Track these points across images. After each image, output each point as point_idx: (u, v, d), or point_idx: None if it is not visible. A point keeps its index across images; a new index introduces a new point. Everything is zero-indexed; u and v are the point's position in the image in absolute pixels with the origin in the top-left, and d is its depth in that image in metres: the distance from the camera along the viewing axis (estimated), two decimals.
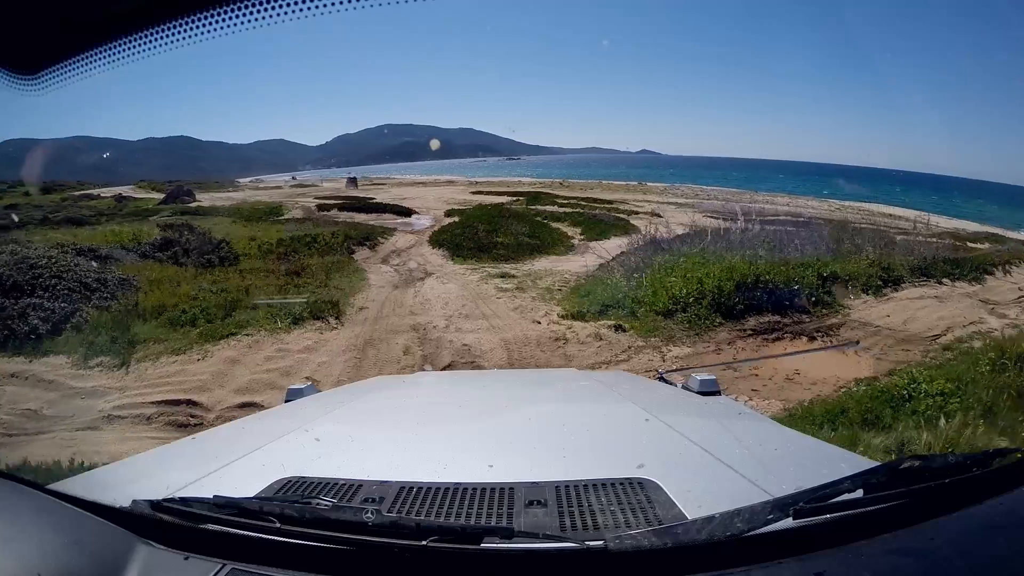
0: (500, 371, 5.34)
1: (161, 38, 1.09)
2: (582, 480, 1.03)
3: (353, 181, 31.77)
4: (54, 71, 1.17)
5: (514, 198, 26.60)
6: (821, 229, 13.71)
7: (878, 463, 0.98)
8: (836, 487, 0.80)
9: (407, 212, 23.42)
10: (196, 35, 1.07)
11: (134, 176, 32.51)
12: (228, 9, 1.04)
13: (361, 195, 27.81)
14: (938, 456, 0.86)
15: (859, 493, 0.79)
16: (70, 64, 1.16)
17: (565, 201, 26.09)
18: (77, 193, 26.71)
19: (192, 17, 1.06)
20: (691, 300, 8.88)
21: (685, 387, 2.01)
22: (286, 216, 22.69)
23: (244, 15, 1.05)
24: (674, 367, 6.97)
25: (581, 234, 18.71)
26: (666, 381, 2.27)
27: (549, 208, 23.99)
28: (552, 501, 0.95)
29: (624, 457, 1.18)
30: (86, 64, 1.16)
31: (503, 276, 11.37)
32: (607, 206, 24.88)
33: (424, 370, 6.16)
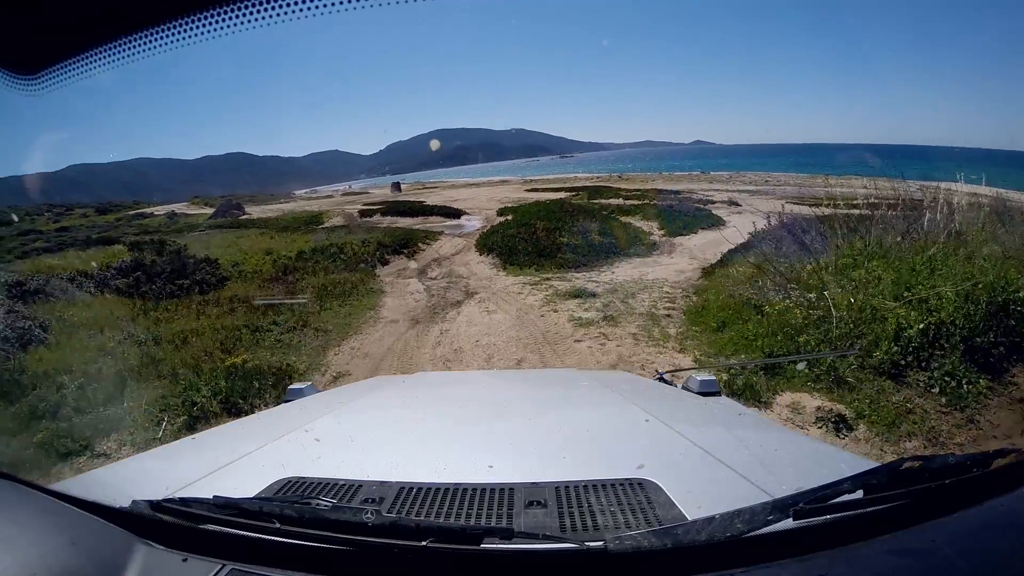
0: (500, 371, 4.86)
1: (162, 38, 1.01)
2: (582, 480, 0.96)
3: (397, 186, 30.31)
4: (54, 71, 1.08)
5: (573, 193, 23.42)
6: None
7: (878, 463, 0.88)
8: (836, 488, 0.74)
9: (456, 213, 20.33)
10: (196, 35, 1.00)
11: (193, 193, 31.40)
12: (226, 8, 0.96)
13: (410, 199, 25.29)
14: (938, 457, 0.78)
15: (859, 494, 0.73)
16: (70, 64, 1.08)
17: (629, 193, 22.48)
18: (131, 212, 25.39)
19: (191, 17, 0.98)
20: (926, 342, 4.53)
21: (685, 387, 1.87)
22: (325, 224, 19.75)
23: (243, 13, 0.96)
24: None
25: (659, 229, 14.62)
26: (666, 381, 2.09)
27: (614, 201, 20.24)
28: (552, 502, 0.89)
29: (624, 457, 1.10)
30: (86, 64, 1.07)
31: (577, 295, 7.23)
32: (675, 197, 20.53)
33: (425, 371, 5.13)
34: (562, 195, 22.61)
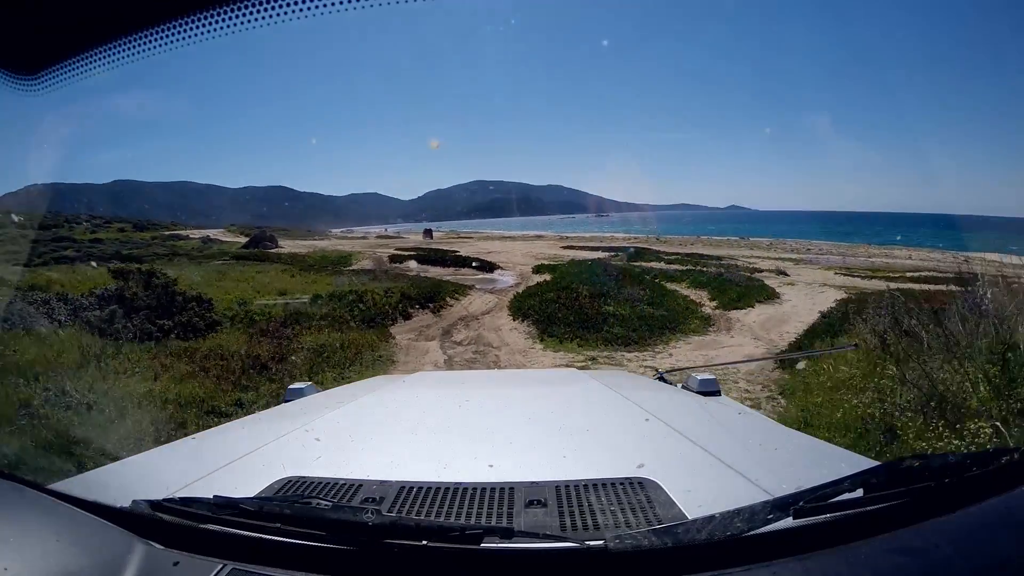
0: (500, 371, 4.76)
1: (162, 38, 1.02)
2: (582, 480, 0.95)
3: (428, 232, 30.12)
4: (54, 71, 1.09)
5: (611, 253, 22.38)
6: None
7: (878, 463, 0.88)
8: (836, 487, 0.72)
9: (490, 267, 19.23)
10: (197, 35, 1.01)
11: (232, 220, 31.67)
12: (226, 8, 0.97)
13: (443, 247, 24.41)
14: (938, 456, 0.76)
15: (859, 493, 0.72)
16: (70, 64, 1.08)
17: (670, 257, 21.13)
18: (167, 233, 25.29)
19: (191, 17, 0.99)
20: None
21: (685, 387, 1.89)
22: (353, 266, 18.84)
23: (242, 12, 0.97)
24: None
25: (711, 300, 13.12)
26: (666, 381, 2.11)
27: (656, 265, 18.94)
28: (552, 501, 0.88)
29: (624, 457, 1.10)
30: (86, 64, 1.07)
31: None
32: (719, 263, 19.16)
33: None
34: (600, 255, 21.75)
